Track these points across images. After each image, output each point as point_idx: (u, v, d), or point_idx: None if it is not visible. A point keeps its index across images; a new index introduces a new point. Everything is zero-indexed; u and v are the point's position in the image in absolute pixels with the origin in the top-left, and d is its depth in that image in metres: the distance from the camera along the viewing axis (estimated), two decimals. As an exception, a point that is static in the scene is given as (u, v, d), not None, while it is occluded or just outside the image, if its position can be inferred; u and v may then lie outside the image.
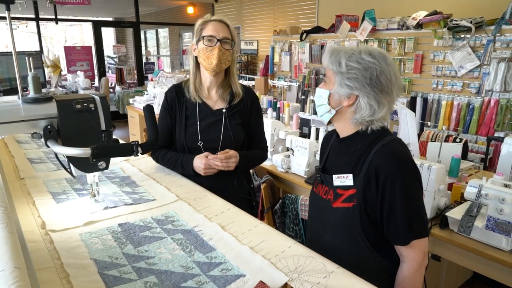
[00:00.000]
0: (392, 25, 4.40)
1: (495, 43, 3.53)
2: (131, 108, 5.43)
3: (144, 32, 12.49)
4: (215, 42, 1.57)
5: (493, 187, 1.51)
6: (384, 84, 1.13)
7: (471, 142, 3.73)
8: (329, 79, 1.20)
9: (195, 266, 0.96)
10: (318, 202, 1.30)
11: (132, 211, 1.26)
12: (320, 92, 1.23)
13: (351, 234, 1.17)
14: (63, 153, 1.02)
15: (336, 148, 1.30)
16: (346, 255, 1.17)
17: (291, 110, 3.64)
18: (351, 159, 1.20)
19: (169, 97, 1.74)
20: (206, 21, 1.61)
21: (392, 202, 1.11)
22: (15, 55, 1.10)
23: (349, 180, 1.18)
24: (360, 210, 1.15)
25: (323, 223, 1.27)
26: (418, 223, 1.13)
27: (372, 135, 1.18)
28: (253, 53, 7.58)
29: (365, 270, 1.13)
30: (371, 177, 1.13)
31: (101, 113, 1.11)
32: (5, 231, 0.74)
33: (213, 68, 1.59)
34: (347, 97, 1.16)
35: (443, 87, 4.00)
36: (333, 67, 1.17)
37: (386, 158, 1.12)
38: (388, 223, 1.13)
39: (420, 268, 1.15)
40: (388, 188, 1.11)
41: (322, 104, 1.23)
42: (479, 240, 1.58)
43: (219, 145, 1.67)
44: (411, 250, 1.13)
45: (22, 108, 1.02)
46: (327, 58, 1.20)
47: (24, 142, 2.11)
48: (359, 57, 1.14)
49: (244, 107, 1.72)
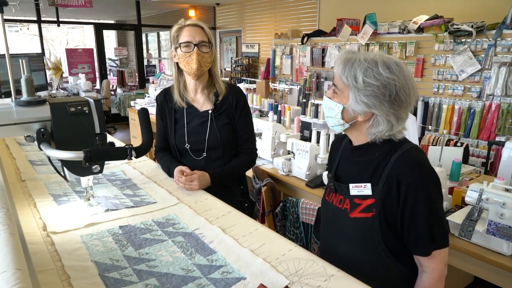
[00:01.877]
0: (393, 29, 4.41)
1: (496, 47, 3.53)
2: (132, 110, 5.43)
3: (146, 35, 12.53)
4: (192, 47, 1.57)
5: (494, 192, 1.50)
6: (403, 100, 1.08)
7: (472, 146, 3.73)
8: (342, 91, 1.13)
9: (196, 268, 0.96)
10: (333, 212, 1.25)
11: (133, 214, 1.26)
12: (330, 104, 1.16)
13: (371, 244, 1.13)
14: (56, 156, 1.01)
15: (348, 155, 1.24)
16: (365, 266, 1.15)
17: (292, 113, 3.64)
18: (367, 168, 1.15)
19: (159, 101, 1.76)
20: (181, 27, 1.60)
21: (414, 212, 1.08)
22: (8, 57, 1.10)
23: (367, 190, 1.13)
24: (380, 219, 1.10)
25: (339, 234, 1.22)
26: (440, 233, 1.10)
27: (389, 143, 1.14)
28: (254, 56, 7.60)
29: (386, 280, 1.14)
30: (392, 186, 1.09)
31: (95, 116, 1.10)
32: (6, 232, 0.74)
33: (194, 72, 1.60)
34: (363, 114, 1.10)
35: (444, 91, 4.01)
36: (347, 81, 1.09)
37: (407, 166, 1.08)
38: (409, 232, 1.10)
39: (440, 278, 1.12)
40: (410, 198, 1.07)
41: (333, 116, 1.16)
42: (480, 245, 1.57)
43: (205, 146, 1.67)
44: (431, 260, 1.10)
45: (15, 111, 1.01)
46: (339, 68, 1.11)
47: (26, 144, 2.11)
48: (376, 71, 1.06)
49: (230, 106, 1.71)
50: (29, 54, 5.82)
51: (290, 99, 5.59)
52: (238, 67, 7.72)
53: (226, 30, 8.56)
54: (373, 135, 1.13)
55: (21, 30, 14.37)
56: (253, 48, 7.65)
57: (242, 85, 5.29)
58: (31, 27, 12.90)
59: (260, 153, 2.77)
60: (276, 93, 6.20)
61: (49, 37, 15.97)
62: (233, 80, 7.72)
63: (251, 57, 7.59)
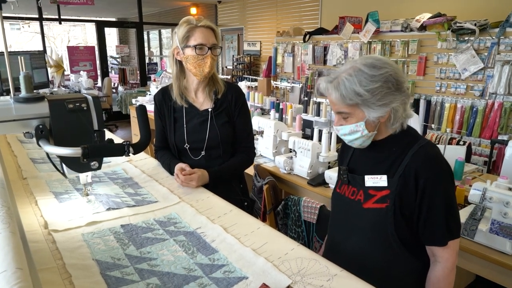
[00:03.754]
0: (395, 27, 4.40)
1: (499, 45, 3.52)
2: (133, 108, 5.43)
3: (147, 33, 12.52)
4: (206, 50, 1.55)
5: (497, 191, 1.49)
6: (401, 80, 1.14)
7: (474, 145, 3.71)
8: (353, 113, 1.15)
9: (198, 268, 0.96)
10: (345, 203, 1.28)
11: (134, 213, 1.26)
12: (351, 128, 1.17)
13: (383, 235, 1.16)
14: (54, 152, 1.02)
15: (363, 150, 1.26)
16: (375, 257, 1.18)
17: (294, 111, 3.63)
18: (384, 161, 1.19)
19: (157, 100, 1.74)
20: (193, 27, 1.56)
21: (432, 205, 1.12)
22: (7, 55, 1.10)
23: (383, 181, 1.17)
24: (394, 210, 1.14)
25: (350, 225, 1.25)
26: (455, 224, 1.15)
27: (406, 138, 1.18)
28: (256, 54, 7.58)
29: (395, 271, 1.18)
30: (409, 179, 1.13)
31: (93, 113, 1.10)
32: (7, 231, 0.74)
33: (205, 75, 1.60)
34: (384, 113, 1.14)
35: (447, 90, 3.99)
36: (352, 101, 1.12)
37: (426, 161, 1.13)
38: (425, 224, 1.14)
39: (453, 268, 1.16)
40: (429, 191, 1.11)
41: (360, 136, 1.18)
42: (483, 244, 1.56)
43: (204, 145, 1.67)
44: (446, 250, 1.14)
45: (13, 108, 1.01)
46: (336, 95, 1.13)
47: (27, 142, 2.11)
48: (368, 76, 1.10)
49: (229, 104, 1.70)
50: (31, 52, 5.82)
51: (291, 97, 5.58)
52: (240, 65, 7.70)
53: (227, 28, 8.55)
54: (395, 125, 1.17)
55: (23, 28, 14.38)
56: (255, 46, 7.63)
57: (244, 83, 5.27)
58: (32, 24, 12.91)
59: (261, 151, 2.77)
60: (277, 91, 6.19)
61: (51, 35, 15.98)
62: (234, 78, 7.70)
63: (253, 55, 7.58)
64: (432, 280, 1.17)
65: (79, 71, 8.00)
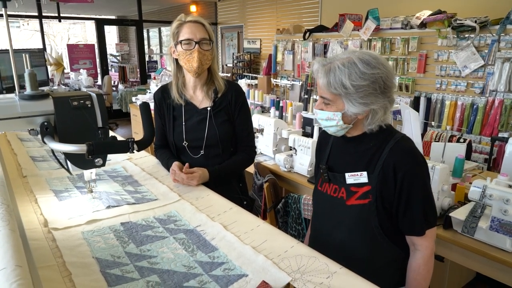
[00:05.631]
0: (395, 24, 4.38)
1: (499, 43, 3.51)
2: (134, 106, 5.43)
3: (147, 31, 12.50)
4: (193, 45, 1.54)
5: (497, 188, 1.49)
6: (391, 86, 1.16)
7: (474, 143, 3.71)
8: (334, 101, 1.17)
9: (197, 265, 0.96)
10: (327, 201, 1.30)
11: (134, 211, 1.26)
12: (327, 114, 1.19)
13: (367, 229, 1.20)
14: (59, 149, 1.03)
15: (340, 146, 1.30)
16: (360, 249, 1.22)
17: (294, 109, 3.63)
18: (363, 157, 1.22)
19: (156, 98, 1.74)
20: (181, 23, 1.57)
21: (410, 196, 1.15)
22: (12, 52, 1.10)
23: (363, 178, 1.20)
24: (377, 205, 1.18)
25: (335, 221, 1.28)
26: (432, 214, 1.20)
27: (382, 133, 1.20)
28: (256, 52, 7.57)
29: (379, 261, 1.23)
30: (388, 173, 1.16)
31: (97, 110, 1.11)
32: (7, 229, 0.74)
33: (195, 70, 1.58)
34: (363, 112, 1.16)
35: (447, 87, 3.98)
36: (336, 91, 1.14)
37: (403, 155, 1.16)
38: (404, 215, 1.18)
39: (432, 254, 1.21)
40: (407, 184, 1.15)
41: (334, 125, 1.20)
42: (483, 241, 1.56)
43: (203, 144, 1.66)
44: (425, 239, 1.19)
45: (18, 105, 1.02)
46: (323, 81, 1.15)
47: (27, 140, 2.11)
48: (359, 72, 1.10)
49: (229, 103, 1.69)
50: (30, 50, 5.82)
51: (291, 95, 5.57)
52: (240, 63, 7.69)
53: (227, 26, 8.53)
54: (371, 126, 1.19)
55: (23, 26, 14.36)
56: (255, 44, 7.62)
57: (244, 81, 5.27)
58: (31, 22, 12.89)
59: (261, 149, 2.76)
60: (277, 89, 6.18)
61: (51, 33, 15.95)
62: (234, 76, 7.70)
63: (253, 53, 7.56)
64: (413, 267, 1.21)
65: (79, 69, 8.00)
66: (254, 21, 7.67)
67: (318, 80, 1.19)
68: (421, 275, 1.20)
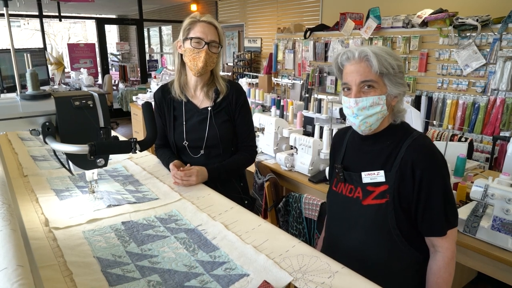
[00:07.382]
0: (397, 23, 4.37)
1: (501, 41, 3.50)
2: (134, 105, 5.43)
3: (148, 30, 12.49)
4: (202, 44, 1.54)
5: (499, 187, 1.49)
6: None
7: (476, 142, 3.70)
8: (378, 83, 1.15)
9: (199, 265, 0.95)
10: (342, 201, 1.28)
11: (135, 210, 1.25)
12: (374, 99, 1.14)
13: (385, 230, 1.16)
14: (61, 149, 1.02)
15: (356, 146, 1.29)
16: (376, 252, 1.19)
17: (294, 108, 3.62)
18: (380, 155, 1.20)
19: (157, 98, 1.74)
20: (195, 20, 1.57)
21: (430, 196, 1.13)
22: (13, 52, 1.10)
23: (380, 177, 1.17)
24: (394, 205, 1.15)
25: (350, 222, 1.24)
26: (453, 213, 1.16)
27: (399, 132, 1.20)
28: (257, 51, 7.56)
29: (396, 265, 1.19)
30: (406, 172, 1.14)
31: (99, 110, 1.11)
32: (8, 228, 0.74)
33: (198, 70, 1.58)
34: (401, 93, 1.17)
35: (448, 86, 3.98)
36: (386, 70, 1.13)
37: (421, 153, 1.14)
38: (423, 215, 1.15)
39: (453, 256, 1.17)
40: (426, 182, 1.12)
41: (378, 111, 1.15)
42: (484, 241, 1.56)
43: (204, 144, 1.66)
44: (445, 240, 1.15)
45: (20, 105, 1.01)
46: (374, 61, 1.12)
47: (28, 139, 2.11)
48: (393, 54, 1.15)
49: (229, 103, 1.69)
50: (31, 49, 5.82)
51: (292, 94, 5.57)
52: (241, 62, 7.68)
53: (228, 25, 8.52)
54: (396, 113, 1.20)
55: (24, 25, 14.37)
56: (256, 43, 7.61)
57: (244, 80, 5.26)
58: (32, 22, 12.89)
59: (262, 148, 2.76)
60: (278, 88, 6.17)
61: (51, 32, 15.96)
62: (235, 75, 7.69)
63: (254, 52, 7.55)
64: (433, 270, 1.17)
65: (80, 68, 8.00)
66: (255, 20, 7.66)
67: (359, 64, 1.14)
68: (443, 279, 1.15)
